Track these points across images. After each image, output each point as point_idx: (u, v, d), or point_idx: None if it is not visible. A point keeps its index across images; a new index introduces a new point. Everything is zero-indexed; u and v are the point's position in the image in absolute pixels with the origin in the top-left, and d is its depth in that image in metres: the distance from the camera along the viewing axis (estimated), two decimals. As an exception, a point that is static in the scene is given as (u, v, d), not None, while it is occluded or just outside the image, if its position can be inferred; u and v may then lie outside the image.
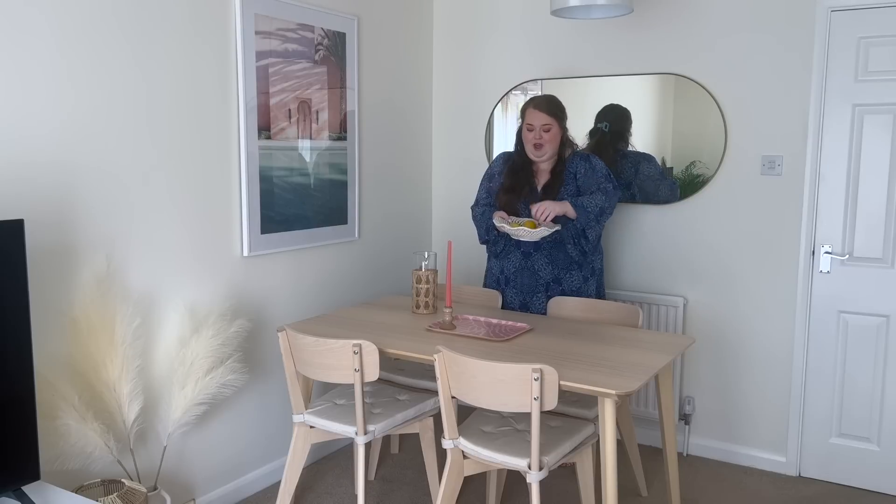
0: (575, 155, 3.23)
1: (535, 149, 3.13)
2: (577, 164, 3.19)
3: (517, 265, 3.23)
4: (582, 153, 3.25)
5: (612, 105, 3.61)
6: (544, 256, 3.18)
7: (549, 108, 3.12)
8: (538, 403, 2.21)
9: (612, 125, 3.61)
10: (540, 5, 3.77)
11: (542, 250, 3.18)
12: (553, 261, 3.17)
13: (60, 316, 2.36)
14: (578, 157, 3.21)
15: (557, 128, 3.13)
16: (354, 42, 3.48)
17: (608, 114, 3.62)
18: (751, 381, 3.45)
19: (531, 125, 3.12)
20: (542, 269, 3.18)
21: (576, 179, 3.17)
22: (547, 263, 3.18)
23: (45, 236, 2.31)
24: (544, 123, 3.10)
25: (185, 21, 2.69)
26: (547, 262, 3.18)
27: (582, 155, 3.23)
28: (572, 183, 3.17)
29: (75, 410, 2.28)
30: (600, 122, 3.63)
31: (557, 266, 3.17)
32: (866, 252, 3.15)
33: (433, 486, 2.98)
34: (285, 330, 2.68)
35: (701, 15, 3.39)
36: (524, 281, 3.21)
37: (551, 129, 3.11)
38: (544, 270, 3.18)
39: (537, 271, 3.18)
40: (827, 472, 3.31)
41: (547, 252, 3.18)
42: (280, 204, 3.15)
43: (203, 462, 2.93)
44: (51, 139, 2.31)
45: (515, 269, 3.24)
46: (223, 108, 2.88)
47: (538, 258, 3.19)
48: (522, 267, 3.21)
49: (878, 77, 3.04)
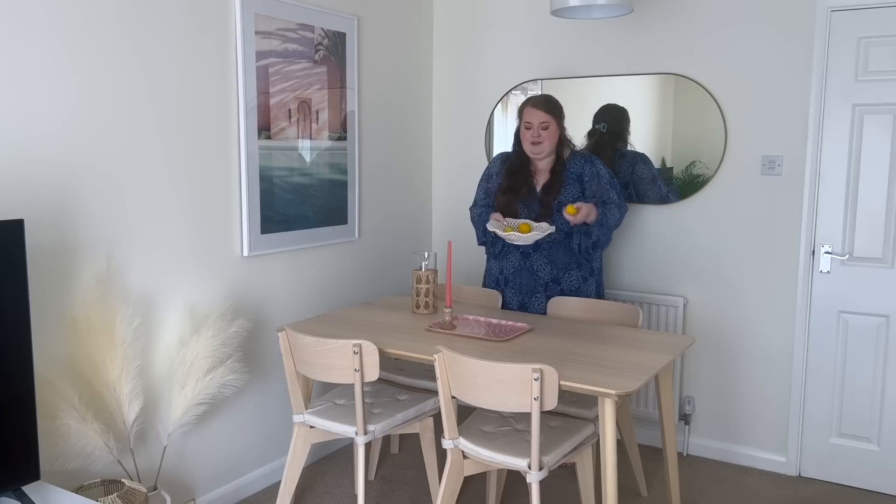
0: (575, 155, 3.22)
1: (533, 146, 3.13)
2: (581, 165, 3.18)
3: (516, 265, 3.23)
4: (583, 153, 3.25)
5: (610, 105, 3.61)
6: (543, 256, 3.18)
7: (547, 107, 3.14)
8: (538, 403, 2.21)
9: (611, 125, 3.61)
10: (540, 5, 3.77)
11: (542, 250, 3.18)
12: (552, 260, 3.17)
13: (60, 316, 2.36)
14: (580, 158, 3.20)
15: (555, 125, 3.13)
16: (354, 42, 3.48)
17: (606, 114, 3.62)
18: (751, 381, 3.45)
19: (529, 123, 3.13)
20: (541, 269, 3.18)
21: (580, 181, 3.16)
22: (546, 263, 3.18)
23: (45, 236, 2.31)
24: (542, 121, 3.11)
25: (186, 21, 2.69)
26: (546, 261, 3.18)
27: (584, 156, 3.22)
28: (575, 184, 3.16)
29: (75, 410, 2.28)
30: (598, 123, 3.63)
31: (556, 266, 3.17)
32: (866, 252, 3.15)
33: (433, 486, 2.98)
34: (285, 330, 2.68)
35: (701, 14, 3.39)
36: (523, 281, 3.21)
37: (549, 127, 3.12)
38: (543, 270, 3.18)
39: (536, 271, 3.18)
40: (827, 472, 3.31)
41: (546, 252, 3.18)
42: (280, 204, 3.15)
43: (203, 462, 2.93)
44: (51, 140, 2.31)
45: (514, 269, 3.23)
46: (223, 108, 2.88)
47: (537, 258, 3.18)
48: (521, 267, 3.21)
49: (878, 77, 3.04)
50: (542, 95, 3.30)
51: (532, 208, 3.18)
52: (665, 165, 3.53)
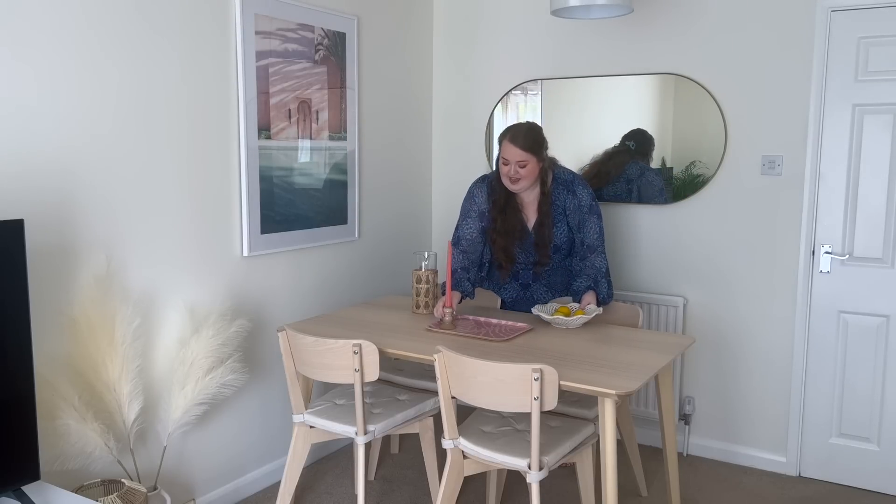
0: (557, 183, 3.04)
1: (512, 182, 2.96)
2: (563, 196, 3.03)
3: (515, 295, 3.20)
4: (564, 178, 3.06)
5: (639, 129, 3.59)
6: (542, 285, 3.16)
7: (525, 143, 2.90)
8: (538, 403, 2.21)
9: (637, 146, 3.60)
10: (540, 5, 3.77)
11: (541, 280, 3.16)
12: (551, 287, 3.16)
13: (60, 316, 2.36)
14: (562, 187, 3.04)
15: (534, 163, 2.92)
16: (354, 42, 3.48)
17: (633, 136, 3.61)
18: (751, 381, 3.45)
19: (506, 160, 2.94)
20: (541, 297, 3.16)
21: (565, 215, 3.04)
22: (546, 292, 3.16)
23: (45, 236, 2.31)
24: (519, 160, 2.90)
25: (186, 21, 2.69)
26: (545, 290, 3.16)
27: (565, 182, 3.05)
28: (562, 220, 3.04)
29: (75, 410, 2.28)
30: (628, 141, 3.62)
31: (556, 291, 3.16)
32: (866, 252, 3.15)
33: (433, 486, 2.98)
34: (285, 330, 2.68)
35: (701, 14, 3.39)
36: (523, 309, 3.17)
37: (527, 165, 2.91)
38: (543, 298, 3.16)
39: (536, 300, 3.15)
40: (827, 472, 3.31)
41: (545, 280, 3.16)
42: (280, 204, 3.15)
43: (203, 462, 2.93)
44: (51, 140, 2.31)
45: (513, 299, 3.21)
46: (223, 108, 2.88)
47: (537, 288, 3.16)
48: (520, 297, 3.19)
49: (878, 77, 3.04)
50: (523, 127, 2.98)
51: (528, 252, 3.08)
52: (665, 165, 3.53)
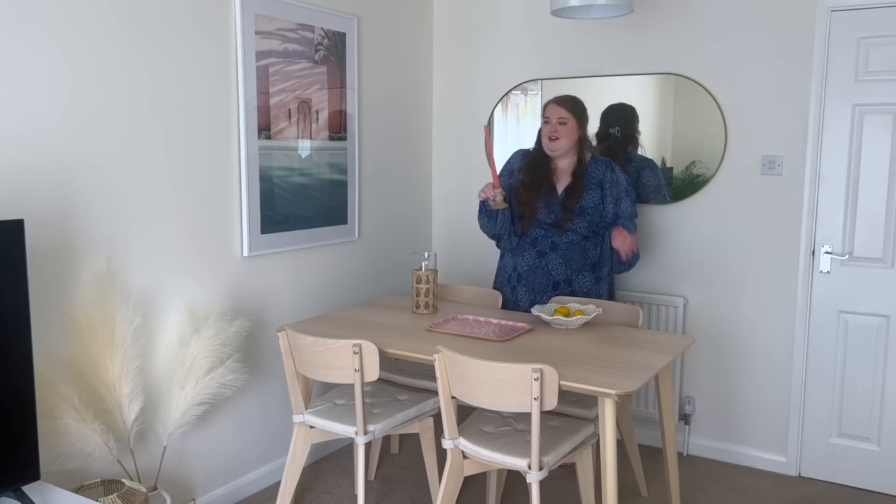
0: (596, 160, 3.21)
1: (550, 141, 3.14)
2: (602, 171, 3.18)
3: (531, 263, 3.22)
4: (604, 159, 3.24)
5: (618, 105, 3.59)
6: (559, 256, 3.17)
7: (568, 104, 3.15)
8: (538, 403, 2.21)
9: (622, 128, 3.60)
10: (540, 5, 3.77)
11: (558, 250, 3.17)
12: (567, 261, 3.17)
13: (60, 316, 2.36)
14: (602, 164, 3.20)
15: (574, 123, 3.13)
16: (354, 42, 3.48)
17: (613, 114, 3.60)
18: (751, 381, 3.45)
19: (548, 118, 3.15)
20: (555, 268, 3.17)
21: (601, 187, 3.16)
22: (561, 264, 3.17)
23: (45, 236, 2.31)
24: (560, 116, 3.12)
25: (186, 21, 2.69)
26: (561, 262, 3.17)
27: (605, 161, 3.21)
28: (596, 190, 3.16)
29: (75, 410, 2.28)
30: (605, 123, 3.61)
31: (571, 267, 3.17)
32: (866, 252, 3.15)
33: (433, 486, 2.98)
34: (285, 330, 2.68)
35: (701, 15, 3.39)
36: (537, 279, 3.20)
37: (567, 123, 3.12)
38: (557, 270, 3.17)
39: (550, 271, 3.18)
40: (827, 472, 3.31)
41: (563, 252, 3.17)
42: (280, 204, 3.15)
43: (203, 462, 2.93)
44: (51, 140, 2.31)
45: (529, 267, 3.22)
46: (223, 108, 2.88)
47: (553, 258, 3.18)
48: (536, 266, 3.20)
49: (878, 77, 3.04)
50: (569, 95, 3.25)
51: (553, 209, 3.16)
52: (665, 165, 3.53)
